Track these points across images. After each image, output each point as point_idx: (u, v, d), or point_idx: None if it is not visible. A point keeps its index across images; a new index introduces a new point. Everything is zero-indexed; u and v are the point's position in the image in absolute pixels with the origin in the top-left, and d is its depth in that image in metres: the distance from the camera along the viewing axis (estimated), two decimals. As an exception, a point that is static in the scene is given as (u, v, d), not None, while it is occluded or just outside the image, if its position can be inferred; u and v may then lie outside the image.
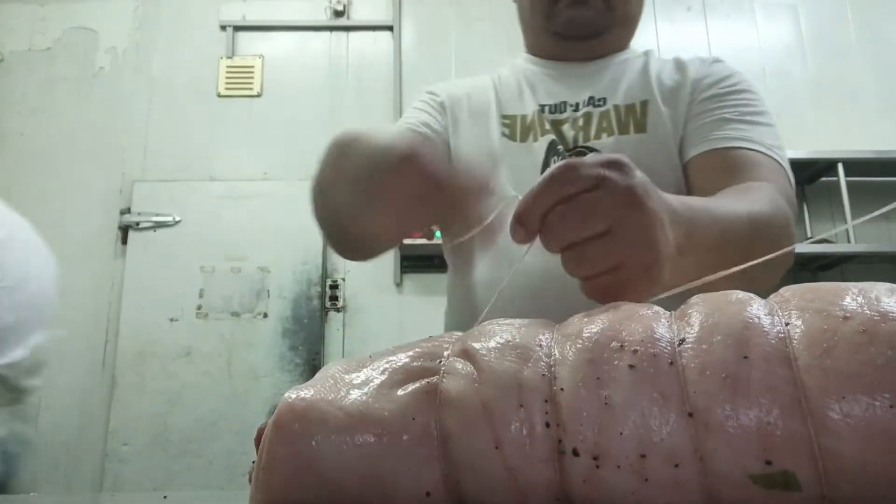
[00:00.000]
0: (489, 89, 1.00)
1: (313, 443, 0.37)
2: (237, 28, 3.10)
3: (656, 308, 0.39)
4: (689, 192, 0.87)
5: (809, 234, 2.89)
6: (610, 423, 0.33)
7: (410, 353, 0.41)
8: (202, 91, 3.02)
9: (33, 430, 2.62)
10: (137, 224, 2.80)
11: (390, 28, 3.13)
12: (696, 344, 0.34)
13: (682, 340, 0.35)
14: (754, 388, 0.31)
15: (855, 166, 2.82)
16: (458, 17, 3.13)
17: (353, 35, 3.14)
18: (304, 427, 0.38)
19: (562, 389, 0.35)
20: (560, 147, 0.91)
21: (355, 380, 0.39)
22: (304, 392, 0.40)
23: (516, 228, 0.48)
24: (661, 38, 3.15)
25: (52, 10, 3.09)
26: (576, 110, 0.94)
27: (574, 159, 0.48)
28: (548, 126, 0.93)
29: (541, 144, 0.92)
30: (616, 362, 0.34)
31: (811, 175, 2.91)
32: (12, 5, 3.09)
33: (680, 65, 0.98)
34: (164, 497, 0.64)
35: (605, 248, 0.46)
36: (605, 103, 0.94)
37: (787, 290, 0.38)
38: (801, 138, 2.99)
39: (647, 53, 1.03)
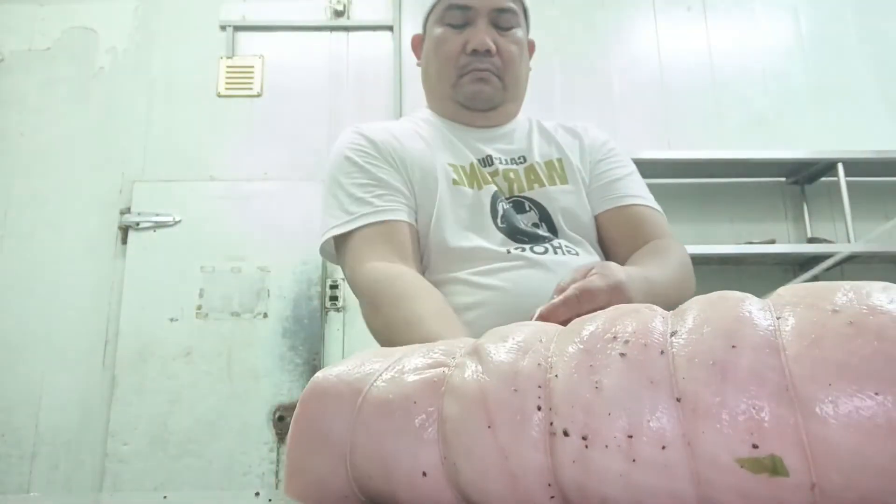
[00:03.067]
0: (415, 137, 1.12)
1: (328, 420, 0.41)
2: (237, 28, 3.10)
3: (656, 308, 0.40)
4: (601, 238, 1.12)
5: (809, 234, 2.89)
6: (599, 405, 0.34)
7: (432, 348, 0.45)
8: (202, 91, 3.02)
9: (33, 429, 2.63)
10: (137, 224, 2.80)
11: (390, 28, 3.13)
12: (687, 335, 0.35)
13: (674, 332, 0.36)
14: (742, 374, 0.32)
15: (855, 166, 2.82)
16: (458, 18, 3.14)
17: (353, 35, 3.14)
18: (322, 405, 0.42)
19: (556, 376, 0.36)
20: (502, 196, 1.07)
21: (378, 366, 0.44)
22: (332, 372, 0.44)
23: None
24: (661, 38, 3.15)
25: (52, 10, 3.09)
26: (502, 164, 1.11)
27: (587, 285, 0.75)
28: (488, 178, 1.08)
29: (485, 193, 1.06)
30: (609, 351, 0.36)
31: (811, 175, 2.91)
32: (12, 5, 3.09)
33: (570, 130, 1.20)
34: (164, 497, 0.65)
35: None
36: (525, 160, 1.12)
37: (783, 289, 0.38)
38: (801, 138, 2.99)
39: (531, 120, 1.21)
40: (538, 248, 1.02)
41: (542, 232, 1.05)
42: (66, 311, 2.75)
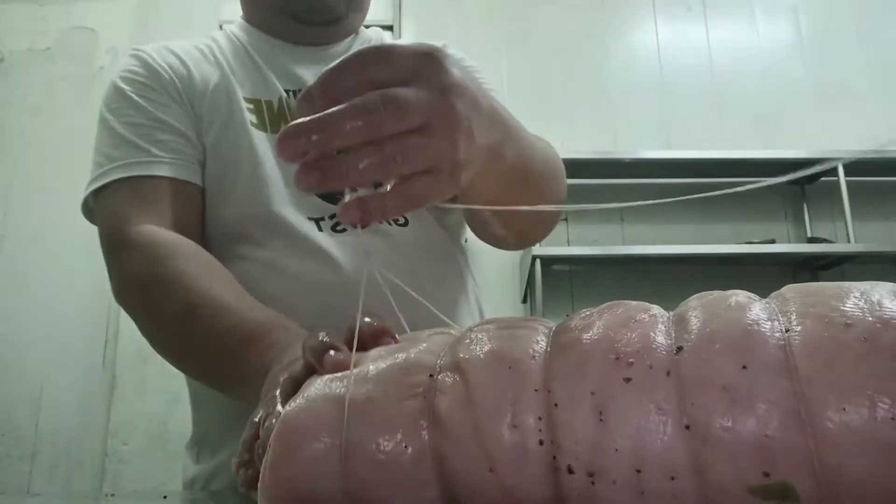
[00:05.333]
0: (212, 63, 0.91)
1: (311, 479, 0.37)
2: (237, 28, 3.09)
3: (654, 310, 0.38)
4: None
5: (809, 234, 2.89)
6: (605, 439, 0.33)
7: (404, 362, 0.40)
8: (202, 91, 3.01)
9: (33, 429, 2.63)
10: (137, 224, 2.80)
11: (390, 28, 3.12)
12: (695, 354, 0.34)
13: (680, 349, 0.34)
14: (753, 399, 0.31)
15: (855, 166, 2.82)
16: (458, 18, 3.13)
17: (353, 35, 3.13)
18: (300, 461, 0.37)
19: (556, 405, 0.34)
20: None
21: (350, 394, 0.38)
22: (299, 417, 0.39)
23: (303, 105, 0.40)
24: (661, 38, 3.15)
25: (52, 10, 3.08)
26: None
27: (387, 44, 0.42)
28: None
29: None
30: (611, 376, 0.34)
31: (811, 175, 2.91)
32: (12, 5, 3.08)
33: None
34: (164, 497, 0.65)
35: (421, 144, 0.40)
36: None
37: (789, 291, 0.37)
38: (801, 138, 2.98)
39: (369, 30, 1.02)
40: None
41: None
42: (66, 311, 2.74)
